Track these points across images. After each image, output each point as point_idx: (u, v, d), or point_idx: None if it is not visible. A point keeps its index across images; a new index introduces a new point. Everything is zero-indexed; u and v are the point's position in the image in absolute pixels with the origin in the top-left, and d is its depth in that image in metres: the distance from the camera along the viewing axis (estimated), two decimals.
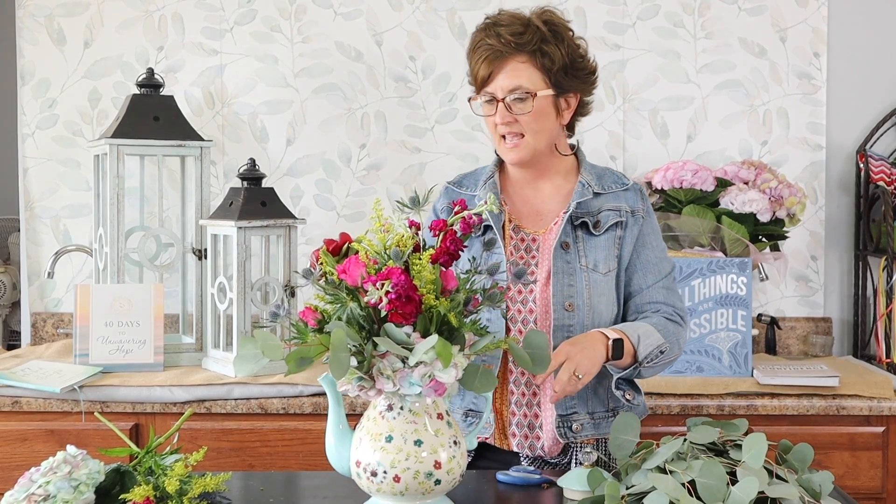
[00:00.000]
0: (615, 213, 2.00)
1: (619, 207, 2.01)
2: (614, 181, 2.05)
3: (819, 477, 1.57)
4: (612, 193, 2.02)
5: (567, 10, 3.16)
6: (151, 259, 2.88)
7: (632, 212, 2.02)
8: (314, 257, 1.57)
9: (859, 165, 3.12)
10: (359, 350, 1.48)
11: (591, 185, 2.01)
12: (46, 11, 3.18)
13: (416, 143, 3.19)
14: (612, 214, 2.00)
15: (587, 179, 2.01)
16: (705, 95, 3.17)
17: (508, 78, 1.91)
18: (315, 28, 3.18)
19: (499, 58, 1.91)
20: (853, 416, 2.58)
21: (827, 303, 3.19)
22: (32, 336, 3.19)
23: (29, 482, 1.55)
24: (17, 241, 3.50)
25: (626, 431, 1.66)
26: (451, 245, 1.51)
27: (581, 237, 1.98)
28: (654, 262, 2.04)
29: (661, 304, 2.01)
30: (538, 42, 1.91)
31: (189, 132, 2.87)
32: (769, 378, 2.61)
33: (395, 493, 1.52)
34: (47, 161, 3.19)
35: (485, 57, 1.92)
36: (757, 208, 2.80)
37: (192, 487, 1.57)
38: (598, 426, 1.96)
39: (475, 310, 1.54)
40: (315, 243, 3.14)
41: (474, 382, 1.53)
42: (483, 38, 1.92)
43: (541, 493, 1.75)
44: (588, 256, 1.97)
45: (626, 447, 1.65)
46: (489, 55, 1.91)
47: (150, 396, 2.56)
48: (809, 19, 3.16)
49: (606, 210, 2.00)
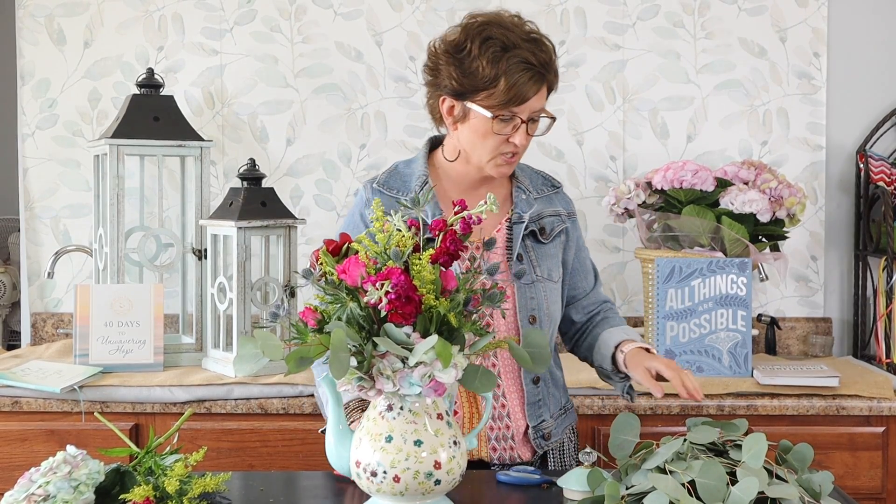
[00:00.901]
0: (557, 218, 2.00)
1: (558, 212, 2.01)
2: (544, 183, 2.04)
3: (819, 477, 1.57)
4: (545, 197, 2.01)
5: (567, 10, 3.16)
6: (151, 259, 2.88)
7: (568, 214, 2.04)
8: (314, 257, 1.57)
9: (859, 165, 3.12)
10: (359, 350, 1.48)
11: (529, 190, 1.99)
12: (46, 11, 3.18)
13: (416, 144, 3.19)
14: (556, 221, 2.00)
15: (524, 184, 2.00)
16: (705, 95, 3.17)
17: (538, 100, 1.85)
18: (315, 28, 3.18)
19: (539, 80, 1.83)
20: (853, 416, 2.58)
21: (827, 303, 3.19)
22: (32, 336, 3.19)
23: (29, 482, 1.55)
24: (17, 241, 3.50)
25: (626, 431, 1.66)
26: (451, 245, 1.51)
27: (531, 246, 1.96)
28: (590, 263, 2.09)
29: (602, 302, 2.09)
30: (554, 62, 1.86)
31: (189, 132, 2.87)
32: (769, 378, 2.61)
33: (395, 494, 1.52)
34: (47, 161, 3.19)
35: (529, 77, 1.81)
36: (757, 208, 2.80)
37: (192, 487, 1.57)
38: (560, 425, 2.02)
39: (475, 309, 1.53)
40: (315, 243, 3.14)
41: (474, 382, 1.53)
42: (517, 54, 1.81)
43: (541, 493, 1.75)
44: (541, 266, 1.96)
45: (625, 447, 1.65)
46: (533, 76, 1.82)
47: (149, 396, 2.56)
48: (809, 19, 3.16)
49: (549, 216, 1.99)
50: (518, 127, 1.85)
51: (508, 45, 1.81)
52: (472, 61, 1.82)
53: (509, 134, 1.85)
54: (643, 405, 2.53)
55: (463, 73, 1.84)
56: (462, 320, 1.49)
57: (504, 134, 1.85)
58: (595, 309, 2.09)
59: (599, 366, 2.03)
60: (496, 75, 1.80)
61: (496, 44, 1.81)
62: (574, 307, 2.07)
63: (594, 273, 2.11)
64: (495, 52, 1.81)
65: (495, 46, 1.81)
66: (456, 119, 1.89)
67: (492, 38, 1.82)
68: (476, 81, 1.82)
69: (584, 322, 2.08)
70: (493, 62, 1.81)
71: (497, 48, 1.81)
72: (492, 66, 1.81)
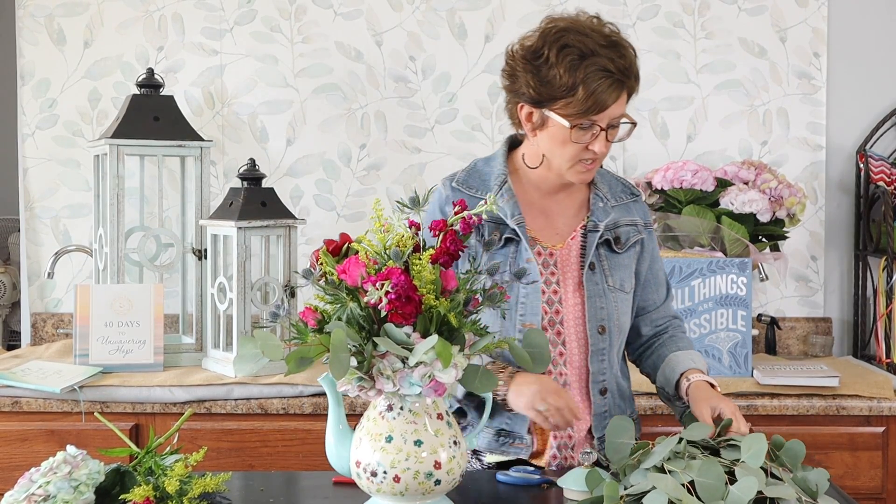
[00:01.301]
0: (633, 228, 1.98)
1: (634, 222, 1.98)
2: (623, 191, 2.01)
3: (814, 475, 1.57)
4: (623, 205, 1.98)
5: (567, 10, 3.15)
6: (151, 259, 2.88)
7: (645, 225, 2.01)
8: (314, 257, 1.57)
9: (859, 165, 3.12)
10: (359, 350, 1.48)
11: (607, 198, 1.96)
12: (46, 11, 3.18)
13: (416, 143, 3.19)
14: (632, 231, 1.97)
15: (602, 191, 1.97)
16: (705, 95, 3.17)
17: (618, 107, 1.81)
18: (315, 28, 3.18)
19: (618, 88, 1.79)
20: (853, 416, 2.58)
21: (827, 303, 3.19)
22: (32, 336, 3.19)
23: (29, 482, 1.55)
24: (17, 241, 3.50)
25: (622, 435, 1.67)
26: (451, 245, 1.51)
27: (604, 255, 1.94)
28: (663, 276, 2.05)
29: (672, 317, 2.05)
30: (635, 66, 1.83)
31: (189, 132, 2.87)
32: (769, 378, 2.61)
33: (395, 494, 1.52)
34: (47, 161, 3.19)
35: (608, 85, 1.77)
36: (757, 208, 2.80)
37: (192, 487, 1.57)
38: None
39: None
40: (315, 243, 3.14)
41: (474, 382, 1.53)
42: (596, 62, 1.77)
43: (541, 493, 1.75)
44: (614, 276, 1.93)
45: (622, 450, 1.65)
46: (612, 83, 1.78)
47: (150, 396, 2.56)
48: (809, 19, 3.16)
49: (625, 226, 1.96)
50: (597, 135, 1.81)
51: (586, 52, 1.77)
52: (549, 69, 1.79)
53: (588, 142, 1.82)
54: (643, 405, 2.53)
55: (540, 82, 1.80)
56: (462, 320, 1.49)
57: (583, 142, 1.82)
58: (664, 324, 2.04)
59: (662, 387, 1.98)
60: (574, 84, 1.77)
61: (574, 52, 1.78)
62: (643, 319, 2.03)
63: (667, 286, 2.06)
64: (573, 61, 1.77)
65: (573, 54, 1.77)
66: (535, 126, 1.86)
67: (569, 45, 1.78)
68: (553, 90, 1.79)
69: (650, 336, 2.04)
70: (570, 70, 1.77)
71: (575, 56, 1.77)
72: (569, 74, 1.77)
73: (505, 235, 1.89)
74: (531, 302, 1.88)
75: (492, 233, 1.89)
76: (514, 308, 1.88)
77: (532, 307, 1.88)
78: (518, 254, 1.89)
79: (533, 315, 1.88)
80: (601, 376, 1.91)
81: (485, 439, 1.91)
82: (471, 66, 3.18)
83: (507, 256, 1.89)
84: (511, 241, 1.89)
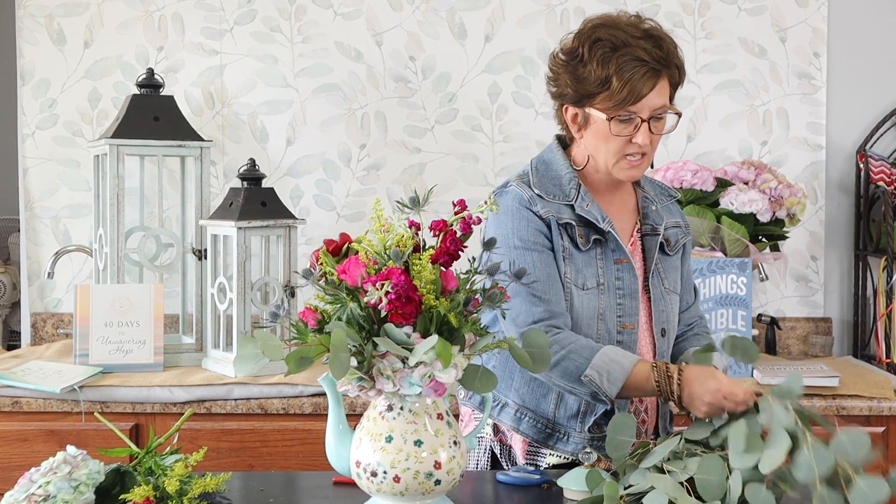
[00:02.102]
0: (679, 230, 1.99)
1: (678, 223, 1.99)
2: (663, 192, 2.02)
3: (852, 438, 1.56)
4: (665, 207, 1.99)
5: (567, 10, 3.16)
6: (151, 259, 2.88)
7: (685, 226, 2.02)
8: (314, 257, 1.57)
9: (859, 165, 3.12)
10: (359, 350, 1.48)
11: (654, 200, 1.97)
12: (46, 11, 3.18)
13: (416, 143, 3.19)
14: (679, 233, 1.98)
15: (649, 194, 1.98)
16: (705, 95, 3.17)
17: (658, 96, 1.79)
18: (315, 28, 3.18)
19: (654, 76, 1.78)
20: (853, 416, 2.58)
21: (827, 303, 3.19)
22: (32, 336, 3.19)
23: (29, 482, 1.55)
24: (17, 241, 3.50)
25: (623, 432, 1.67)
26: (451, 245, 1.51)
27: (658, 258, 1.94)
28: (692, 278, 2.06)
29: (699, 317, 2.06)
30: (674, 56, 1.82)
31: (189, 132, 2.87)
32: (769, 378, 2.61)
33: (395, 494, 1.52)
34: (47, 161, 3.19)
35: (642, 73, 1.76)
36: (757, 208, 2.80)
37: (192, 487, 1.57)
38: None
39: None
40: (315, 243, 3.14)
41: (474, 382, 1.53)
42: (628, 52, 1.76)
43: (541, 493, 1.75)
44: (669, 278, 1.95)
45: (622, 448, 1.65)
46: (647, 72, 1.76)
47: (150, 397, 2.56)
48: (809, 19, 3.16)
49: (672, 228, 1.97)
50: (639, 126, 1.80)
51: (618, 44, 1.78)
52: (584, 66, 1.80)
53: (631, 134, 1.81)
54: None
55: (577, 80, 1.81)
56: (462, 320, 1.49)
57: (625, 135, 1.81)
58: (692, 323, 2.05)
59: None
60: (607, 76, 1.77)
61: (605, 45, 1.78)
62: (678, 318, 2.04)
63: (695, 288, 2.08)
64: (605, 53, 1.78)
65: (604, 48, 1.78)
66: (579, 126, 1.86)
67: (601, 39, 1.79)
68: (589, 86, 1.80)
69: (678, 336, 2.04)
70: (602, 63, 1.77)
71: (606, 49, 1.78)
72: (602, 67, 1.77)
73: (593, 237, 1.87)
74: (628, 303, 1.87)
75: (580, 235, 1.86)
76: (612, 309, 1.86)
77: (630, 308, 1.87)
78: (605, 255, 1.87)
79: (631, 316, 1.88)
80: None
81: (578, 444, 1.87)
82: (471, 66, 3.18)
83: (595, 258, 1.87)
84: (598, 242, 1.87)
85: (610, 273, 1.87)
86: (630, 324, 1.87)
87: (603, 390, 1.77)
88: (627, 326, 1.87)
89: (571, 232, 1.86)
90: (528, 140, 3.16)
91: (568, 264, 1.85)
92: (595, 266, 1.86)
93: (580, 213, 1.86)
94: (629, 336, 1.87)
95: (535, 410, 1.90)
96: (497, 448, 1.97)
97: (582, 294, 1.85)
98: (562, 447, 1.89)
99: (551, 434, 1.90)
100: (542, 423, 1.90)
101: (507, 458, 1.96)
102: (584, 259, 1.86)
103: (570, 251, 1.86)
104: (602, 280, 1.86)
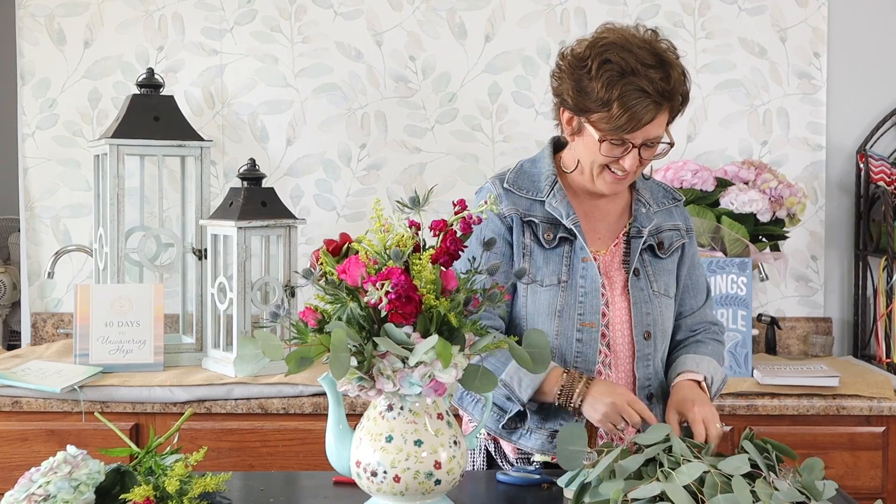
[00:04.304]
0: (676, 233, 1.97)
1: (677, 226, 1.98)
2: (665, 195, 2.01)
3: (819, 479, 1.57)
4: (665, 210, 1.98)
5: (567, 10, 3.16)
6: (151, 259, 2.88)
7: (686, 230, 2.00)
8: (314, 257, 1.57)
9: (859, 165, 3.12)
10: (359, 350, 1.48)
11: (649, 203, 1.96)
12: (46, 11, 3.18)
13: (416, 143, 3.19)
14: (675, 235, 1.97)
15: (644, 197, 1.97)
16: (705, 95, 3.17)
17: (655, 127, 1.79)
18: (315, 28, 3.18)
19: (655, 108, 1.77)
20: (853, 416, 2.58)
21: (827, 303, 3.19)
22: (32, 336, 3.19)
23: (29, 482, 1.55)
24: (17, 241, 3.50)
25: (572, 442, 1.65)
26: (451, 245, 1.51)
27: (648, 261, 1.93)
28: (703, 281, 2.05)
29: (708, 322, 2.04)
30: (680, 86, 1.81)
31: (189, 132, 2.87)
32: (769, 378, 2.61)
33: (395, 493, 1.52)
34: (47, 161, 3.19)
35: (644, 105, 1.75)
36: (757, 208, 2.80)
37: (192, 487, 1.57)
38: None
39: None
40: (315, 243, 3.14)
41: (474, 382, 1.53)
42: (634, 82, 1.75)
43: (541, 493, 1.76)
44: (658, 281, 1.93)
45: (574, 458, 1.64)
46: (649, 104, 1.75)
47: (150, 396, 2.56)
48: (809, 19, 3.16)
49: (668, 230, 1.96)
50: (629, 151, 1.80)
51: (626, 70, 1.76)
52: (589, 81, 1.79)
53: (619, 156, 1.81)
54: None
55: (579, 91, 1.80)
56: (462, 320, 1.49)
57: (613, 156, 1.81)
58: (698, 329, 2.02)
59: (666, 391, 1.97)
60: (609, 99, 1.76)
61: (614, 68, 1.76)
62: (679, 324, 2.01)
63: (706, 291, 2.05)
64: (611, 77, 1.76)
65: (612, 70, 1.76)
66: (573, 131, 1.86)
67: (611, 61, 1.77)
68: (590, 102, 1.79)
69: (681, 340, 2.02)
70: (608, 86, 1.76)
71: (614, 73, 1.76)
72: (606, 90, 1.76)
73: (559, 235, 1.88)
74: (590, 301, 1.87)
75: (545, 232, 1.88)
76: (573, 307, 1.87)
77: (591, 307, 1.87)
78: (573, 253, 1.88)
79: (592, 315, 1.87)
80: (647, 381, 1.91)
81: (538, 440, 1.89)
82: (471, 66, 3.18)
83: (561, 256, 1.88)
84: (565, 240, 1.88)
85: (575, 271, 1.87)
86: (591, 322, 1.87)
87: (517, 395, 1.82)
88: (588, 325, 1.87)
89: (535, 229, 1.88)
90: (528, 140, 3.16)
91: (527, 261, 1.87)
92: (559, 263, 1.87)
93: (548, 209, 1.88)
94: (589, 334, 1.86)
95: (497, 403, 1.92)
96: (492, 447, 1.97)
97: (539, 290, 1.87)
98: (524, 443, 1.90)
99: (515, 429, 1.91)
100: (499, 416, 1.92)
101: (501, 458, 1.97)
102: (545, 256, 1.88)
103: (530, 248, 1.88)
104: (565, 277, 1.86)
